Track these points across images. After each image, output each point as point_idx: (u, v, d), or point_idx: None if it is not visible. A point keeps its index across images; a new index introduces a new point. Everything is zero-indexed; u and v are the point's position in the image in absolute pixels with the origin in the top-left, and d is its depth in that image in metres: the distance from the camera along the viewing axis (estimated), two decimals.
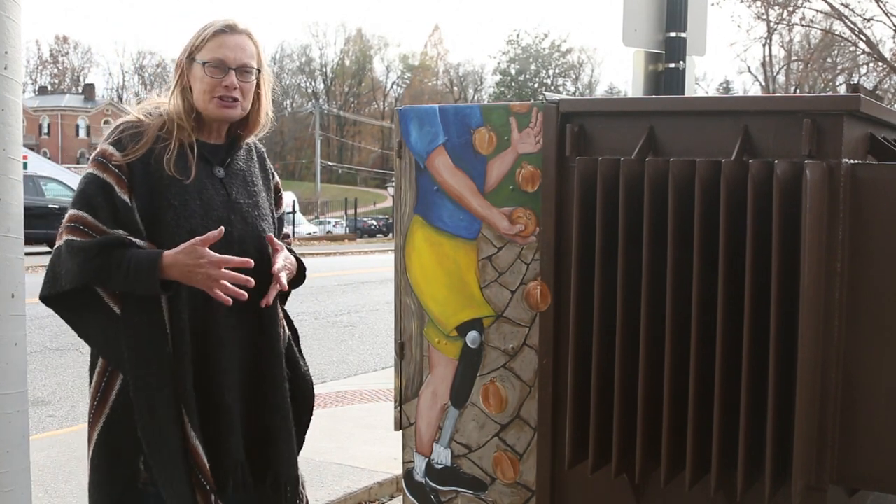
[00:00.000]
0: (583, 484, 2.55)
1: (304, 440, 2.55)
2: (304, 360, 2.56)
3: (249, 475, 2.34)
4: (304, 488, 2.50)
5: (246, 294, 2.20)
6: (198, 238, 2.16)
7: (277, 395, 2.38)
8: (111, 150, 2.24)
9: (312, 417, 2.56)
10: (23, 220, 2.32)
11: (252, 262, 2.22)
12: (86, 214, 2.20)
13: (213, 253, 2.16)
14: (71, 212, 2.23)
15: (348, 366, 8.12)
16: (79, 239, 2.19)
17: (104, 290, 2.23)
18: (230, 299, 2.18)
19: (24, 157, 2.48)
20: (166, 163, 2.25)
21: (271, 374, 2.38)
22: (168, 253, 2.17)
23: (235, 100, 2.30)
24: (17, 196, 2.28)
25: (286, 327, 2.52)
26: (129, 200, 2.22)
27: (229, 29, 2.32)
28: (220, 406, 2.28)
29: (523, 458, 2.65)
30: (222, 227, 2.18)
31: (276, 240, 2.41)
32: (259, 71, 2.36)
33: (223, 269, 2.17)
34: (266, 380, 2.37)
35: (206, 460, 2.24)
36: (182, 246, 2.16)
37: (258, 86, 2.38)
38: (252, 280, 2.20)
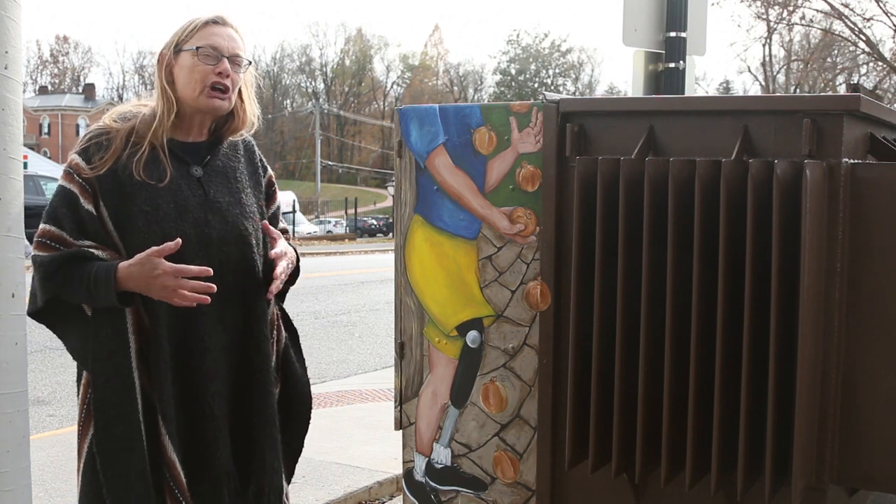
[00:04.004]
0: (583, 484, 2.55)
1: (302, 444, 2.50)
2: (303, 362, 2.49)
3: (238, 484, 2.28)
4: (287, 499, 2.43)
5: (209, 298, 2.11)
6: (153, 248, 2.07)
7: (263, 401, 2.31)
8: (78, 159, 2.20)
9: (311, 419, 2.50)
10: (23, 220, 2.32)
11: (211, 270, 2.12)
12: (52, 227, 2.17)
13: (167, 263, 2.07)
14: (40, 226, 2.19)
15: (348, 366, 8.13)
16: (43, 254, 2.16)
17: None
18: (195, 304, 2.11)
19: (25, 157, 2.47)
20: (135, 168, 2.18)
21: (258, 380, 2.30)
22: (123, 265, 2.09)
23: (227, 89, 2.24)
24: (18, 196, 2.28)
25: (282, 328, 2.44)
26: (94, 210, 2.16)
27: (220, 20, 2.27)
28: (206, 415, 2.21)
29: (523, 457, 2.65)
30: (178, 240, 2.08)
31: (271, 227, 2.33)
32: (250, 63, 2.32)
33: (181, 279, 2.08)
34: (252, 385, 2.30)
35: (182, 474, 2.18)
36: (136, 257, 2.09)
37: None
38: (214, 286, 2.11)
